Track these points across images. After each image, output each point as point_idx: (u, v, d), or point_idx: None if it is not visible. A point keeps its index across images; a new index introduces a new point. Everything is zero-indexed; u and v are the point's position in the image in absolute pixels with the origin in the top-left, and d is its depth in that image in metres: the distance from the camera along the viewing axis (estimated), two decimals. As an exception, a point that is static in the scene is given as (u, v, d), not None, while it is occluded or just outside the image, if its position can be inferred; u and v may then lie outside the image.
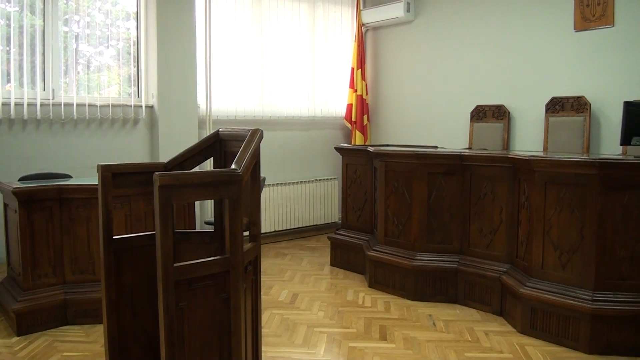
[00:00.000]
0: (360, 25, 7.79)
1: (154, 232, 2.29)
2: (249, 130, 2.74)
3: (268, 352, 3.74)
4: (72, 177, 4.91)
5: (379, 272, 5.17)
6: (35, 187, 4.13)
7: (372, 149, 5.42)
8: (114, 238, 2.80)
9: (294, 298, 4.94)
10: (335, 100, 7.89)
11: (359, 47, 7.74)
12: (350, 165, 5.96)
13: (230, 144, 3.02)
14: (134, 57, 6.05)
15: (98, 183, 2.78)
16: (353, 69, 7.74)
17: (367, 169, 5.73)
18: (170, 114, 6.08)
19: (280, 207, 7.12)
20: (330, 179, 7.68)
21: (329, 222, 7.68)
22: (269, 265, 6.01)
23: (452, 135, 6.86)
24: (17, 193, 4.01)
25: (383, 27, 7.81)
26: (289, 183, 7.23)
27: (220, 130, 3.10)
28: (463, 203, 4.83)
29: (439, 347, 3.86)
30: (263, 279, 5.34)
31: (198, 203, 6.11)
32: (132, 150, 5.96)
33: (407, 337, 4.05)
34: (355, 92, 7.70)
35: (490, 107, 6.40)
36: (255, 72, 6.94)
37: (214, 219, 3.15)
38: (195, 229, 5.08)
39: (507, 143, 6.22)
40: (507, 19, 6.31)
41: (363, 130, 7.73)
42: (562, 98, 5.69)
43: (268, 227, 6.99)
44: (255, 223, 2.79)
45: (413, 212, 4.96)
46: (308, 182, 7.44)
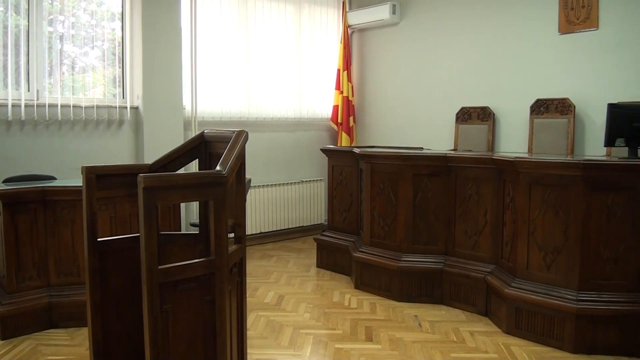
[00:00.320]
0: (346, 27, 7.80)
1: (139, 234, 2.27)
2: (234, 132, 2.74)
3: (254, 354, 3.74)
4: (56, 178, 4.88)
5: (365, 273, 5.18)
6: (19, 189, 4.10)
7: (358, 151, 5.43)
8: (99, 240, 2.79)
9: (280, 300, 4.94)
10: (321, 102, 7.88)
11: (345, 48, 7.74)
12: (337, 167, 5.97)
13: (216, 146, 3.01)
14: (119, 58, 6.01)
15: (82, 185, 2.77)
16: (339, 71, 7.74)
17: (353, 171, 5.74)
18: (156, 115, 6.04)
19: (266, 208, 7.11)
20: (317, 181, 7.68)
21: (315, 223, 7.68)
22: (255, 267, 6.00)
23: (437, 137, 6.88)
24: (0, 195, 3.98)
25: (369, 29, 7.82)
26: (275, 184, 7.22)
27: (206, 132, 3.10)
28: (448, 204, 4.85)
29: (425, 347, 3.88)
30: (249, 281, 5.34)
31: (183, 205, 6.08)
32: (117, 152, 5.92)
33: (393, 338, 4.06)
34: (342, 93, 7.70)
35: (476, 108, 6.43)
36: (241, 73, 6.92)
37: (199, 221, 3.14)
38: (181, 231, 5.07)
39: (492, 144, 6.25)
40: (492, 22, 6.35)
41: (349, 132, 7.74)
42: (546, 100, 5.73)
43: (254, 228, 6.98)
44: (241, 225, 2.78)
45: (399, 213, 4.98)
46: (294, 183, 7.43)
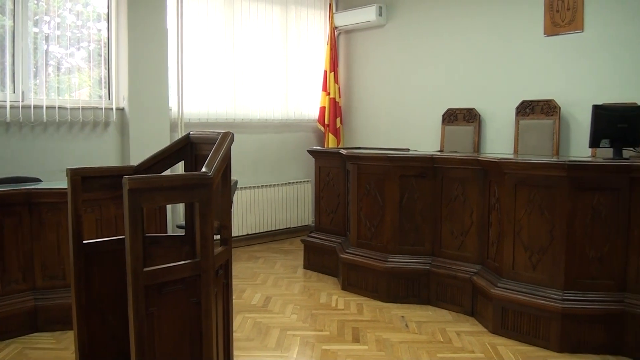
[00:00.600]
0: (333, 29, 7.80)
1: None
2: (220, 133, 2.73)
3: (240, 356, 3.73)
4: (41, 180, 4.84)
5: (352, 274, 5.19)
6: (4, 191, 4.06)
7: (344, 152, 5.43)
8: (84, 243, 2.78)
9: (267, 301, 4.93)
10: (308, 103, 7.88)
11: (332, 50, 7.74)
12: (323, 168, 5.97)
13: (201, 147, 3.01)
14: (105, 59, 5.98)
15: (67, 187, 2.75)
16: (326, 72, 7.74)
17: (340, 172, 5.74)
18: (142, 117, 6.01)
19: (253, 210, 7.10)
20: (304, 182, 7.68)
21: (302, 225, 7.67)
22: (242, 269, 5.99)
23: (423, 138, 6.90)
24: (-16, 197, 3.95)
25: (355, 30, 7.83)
26: (262, 186, 7.21)
27: (191, 133, 3.09)
28: (435, 205, 4.87)
29: (412, 348, 3.89)
30: (236, 283, 5.32)
31: (170, 206, 6.06)
32: (102, 154, 5.88)
33: (379, 338, 4.07)
34: (328, 95, 7.70)
35: (462, 110, 6.45)
36: (228, 74, 6.91)
37: (185, 223, 3.13)
38: (167, 233, 5.05)
39: (478, 146, 6.29)
40: (478, 24, 6.37)
41: (336, 133, 7.74)
42: (532, 101, 5.76)
43: (241, 230, 6.96)
44: (226, 226, 2.78)
45: (385, 214, 4.99)
46: (281, 185, 7.43)
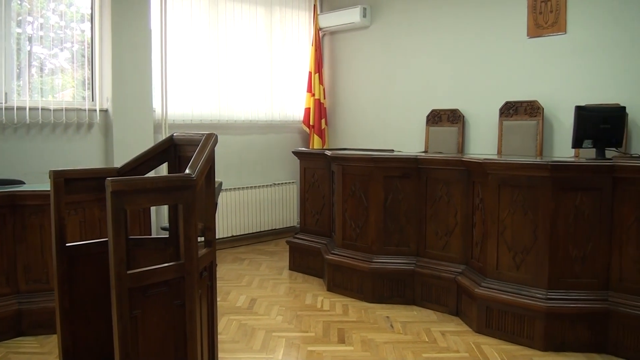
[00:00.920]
0: (318, 30, 7.81)
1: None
2: (204, 135, 2.73)
3: (226, 358, 3.72)
4: (25, 183, 4.80)
5: (338, 275, 5.19)
6: (-14, 194, 4.03)
7: (329, 153, 5.44)
8: (67, 245, 2.76)
9: (252, 303, 4.93)
10: (293, 104, 7.88)
11: (317, 51, 7.75)
12: (309, 169, 5.97)
13: (185, 149, 3.00)
14: (89, 59, 5.94)
15: (50, 189, 2.73)
16: (311, 73, 7.74)
17: (325, 173, 5.75)
18: (125, 118, 5.98)
19: (238, 211, 7.08)
20: (289, 183, 7.67)
21: (288, 226, 7.67)
22: (227, 271, 5.98)
23: (408, 139, 6.92)
24: (-34, 200, 3.91)
25: (340, 31, 7.84)
26: (247, 187, 7.19)
27: (175, 135, 3.08)
28: (419, 206, 4.89)
29: (397, 348, 3.90)
30: (221, 285, 5.31)
31: (154, 208, 6.03)
32: (86, 155, 5.84)
33: (365, 339, 4.08)
34: (313, 96, 7.70)
35: (446, 111, 6.48)
36: (212, 75, 6.89)
37: (169, 225, 3.12)
38: (151, 235, 5.03)
39: (462, 146, 6.32)
40: (461, 26, 6.41)
41: (321, 134, 7.74)
42: (515, 102, 5.80)
43: (226, 232, 6.95)
44: (210, 228, 2.77)
45: (370, 215, 5.00)
46: (266, 186, 7.42)
